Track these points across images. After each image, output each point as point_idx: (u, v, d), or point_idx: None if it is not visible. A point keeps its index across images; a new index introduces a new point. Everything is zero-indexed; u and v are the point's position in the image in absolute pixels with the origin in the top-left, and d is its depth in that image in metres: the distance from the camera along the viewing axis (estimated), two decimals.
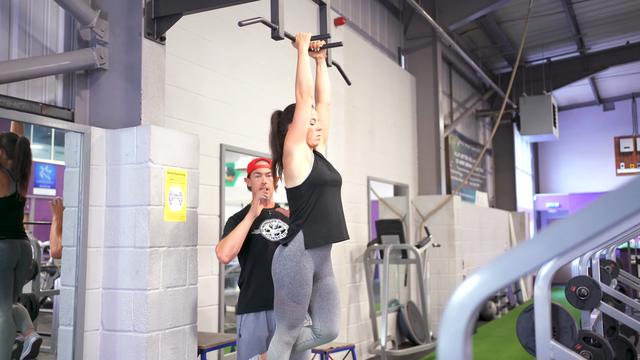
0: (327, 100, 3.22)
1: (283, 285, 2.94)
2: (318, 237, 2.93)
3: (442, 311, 8.26)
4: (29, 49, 3.53)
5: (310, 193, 2.96)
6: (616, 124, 17.30)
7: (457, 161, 11.34)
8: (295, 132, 2.94)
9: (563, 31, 12.14)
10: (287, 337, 2.97)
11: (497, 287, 1.11)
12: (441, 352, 1.11)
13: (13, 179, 4.27)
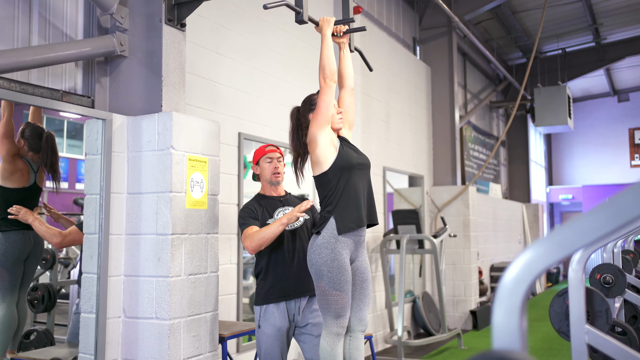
0: (351, 85, 3.19)
1: (322, 275, 2.89)
2: (350, 221, 2.90)
3: (456, 302, 8.25)
4: (49, 36, 3.52)
5: (338, 178, 2.93)
6: (631, 115, 17.13)
7: (471, 152, 11.27)
8: (319, 117, 2.91)
9: (579, 21, 12.00)
10: (336, 328, 2.90)
11: (554, 260, 1.08)
12: (496, 326, 1.08)
13: (33, 170, 4.28)
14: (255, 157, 3.39)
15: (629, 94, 17.22)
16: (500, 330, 1.04)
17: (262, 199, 3.32)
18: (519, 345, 1.02)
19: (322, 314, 2.95)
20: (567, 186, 17.53)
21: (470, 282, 8.48)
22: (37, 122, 4.36)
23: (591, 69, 13.53)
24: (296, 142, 3.16)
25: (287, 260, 3.19)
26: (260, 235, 3.06)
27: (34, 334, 4.53)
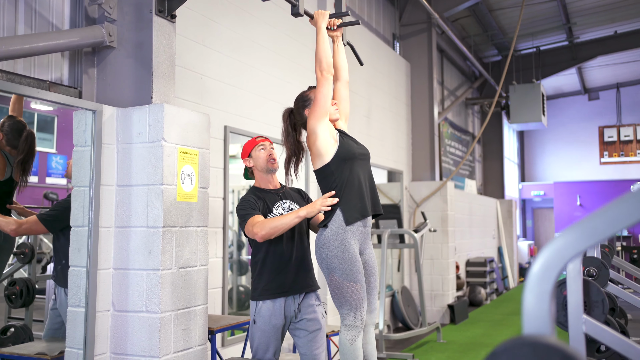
0: (346, 77, 3.20)
1: (334, 268, 2.85)
2: (356, 211, 2.88)
3: (434, 296, 8.33)
4: (35, 25, 3.45)
5: (341, 169, 2.92)
6: (600, 113, 17.48)
7: (447, 148, 11.38)
8: (317, 110, 2.91)
9: (553, 20, 12.20)
10: (354, 322, 2.85)
11: (585, 246, 1.11)
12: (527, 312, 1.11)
13: (9, 164, 4.19)
14: (246, 150, 3.31)
15: (599, 92, 17.57)
16: (531, 316, 1.06)
17: (259, 192, 3.24)
18: (549, 330, 1.04)
19: (339, 309, 2.88)
20: (538, 183, 17.83)
21: (448, 276, 8.58)
22: (18, 116, 4.27)
23: (564, 67, 13.77)
24: (291, 142, 3.14)
25: (286, 256, 3.14)
26: (273, 224, 2.96)
27: (11, 330, 4.44)
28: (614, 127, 17.18)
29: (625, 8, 11.86)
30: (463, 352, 6.48)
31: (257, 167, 3.29)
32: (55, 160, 10.58)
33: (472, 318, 8.82)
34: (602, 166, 17.26)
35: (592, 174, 17.26)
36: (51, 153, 10.29)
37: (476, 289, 10.20)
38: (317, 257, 2.97)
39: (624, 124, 17.07)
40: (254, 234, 2.98)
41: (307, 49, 6.05)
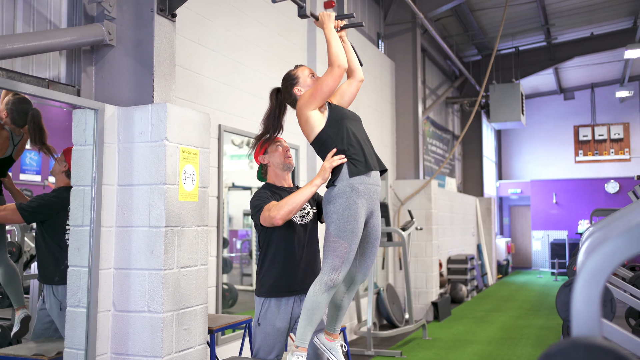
0: (361, 76, 3.17)
1: (331, 222, 2.80)
2: (359, 164, 2.83)
3: (418, 294, 8.42)
4: (34, 23, 3.42)
5: (337, 130, 2.88)
6: (576, 113, 17.78)
7: (429, 147, 11.49)
8: (316, 99, 2.83)
9: (532, 21, 12.37)
10: (328, 279, 2.77)
11: (632, 252, 1.16)
12: (576, 314, 1.15)
13: (13, 143, 4.12)
14: (260, 148, 3.26)
15: (575, 92, 17.87)
16: (580, 318, 1.10)
17: (274, 188, 3.21)
18: (598, 332, 1.08)
19: (324, 260, 2.83)
20: (515, 181, 18.08)
21: (432, 274, 8.67)
22: None
23: (542, 68, 13.98)
24: (272, 120, 3.12)
25: (297, 255, 3.12)
26: (290, 201, 2.92)
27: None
28: (588, 126, 17.51)
29: (602, 10, 12.09)
30: (449, 349, 6.57)
31: (272, 163, 3.24)
32: (29, 157, 10.41)
33: (455, 315, 8.93)
34: (577, 164, 17.59)
35: (567, 172, 17.56)
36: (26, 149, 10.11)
37: (457, 286, 10.33)
38: (325, 209, 2.89)
39: (598, 123, 17.41)
40: (272, 219, 2.92)
41: (297, 47, 6.07)
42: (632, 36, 12.64)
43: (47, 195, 3.81)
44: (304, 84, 3.06)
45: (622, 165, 17.04)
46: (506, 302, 10.49)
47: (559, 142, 17.93)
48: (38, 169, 7.02)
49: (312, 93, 2.89)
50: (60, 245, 3.71)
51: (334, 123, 2.92)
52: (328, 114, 2.94)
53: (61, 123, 7.05)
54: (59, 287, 3.68)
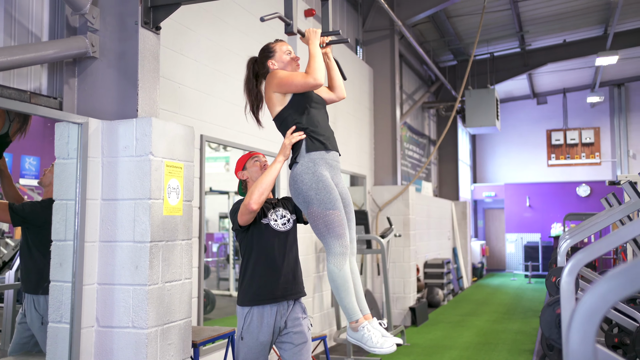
0: (343, 95, 3.24)
1: (311, 200, 2.83)
2: (316, 141, 2.91)
3: (396, 299, 8.48)
4: (15, 34, 3.38)
5: (297, 109, 2.95)
6: (548, 117, 18.07)
7: (406, 152, 11.58)
8: (283, 87, 2.92)
9: (507, 28, 12.56)
10: (340, 248, 2.78)
11: (627, 293, 1.19)
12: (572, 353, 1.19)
13: (9, 119, 4.01)
14: (241, 163, 3.33)
15: (547, 97, 18.16)
16: (576, 357, 1.14)
17: None
18: None
19: (323, 239, 2.84)
20: (490, 184, 18.30)
21: (410, 279, 8.75)
22: None
23: (517, 73, 14.19)
24: (252, 89, 3.17)
25: (278, 262, 3.15)
26: (258, 183, 3.03)
27: None
28: (560, 130, 17.82)
29: (574, 18, 12.34)
30: (428, 355, 6.64)
31: (251, 178, 3.30)
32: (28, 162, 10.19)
33: (432, 320, 9.02)
34: (550, 168, 17.88)
35: (540, 176, 17.84)
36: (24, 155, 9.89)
37: (434, 290, 10.43)
38: (293, 193, 2.94)
39: (570, 127, 17.72)
40: (247, 207, 2.99)
41: None
42: (603, 44, 12.90)
43: (38, 204, 3.76)
44: (279, 59, 3.12)
45: (592, 169, 17.38)
46: (482, 305, 10.62)
47: (532, 145, 18.21)
48: (37, 173, 6.92)
49: (280, 82, 2.95)
50: (44, 256, 3.66)
51: (297, 102, 2.99)
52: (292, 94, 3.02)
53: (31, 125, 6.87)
54: (41, 300, 3.63)
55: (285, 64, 3.10)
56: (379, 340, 2.74)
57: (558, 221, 16.33)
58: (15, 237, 5.55)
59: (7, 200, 3.90)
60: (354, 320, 2.79)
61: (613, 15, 11.41)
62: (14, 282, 5.04)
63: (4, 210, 3.64)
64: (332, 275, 2.81)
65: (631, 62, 15.26)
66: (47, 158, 5.24)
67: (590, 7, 11.79)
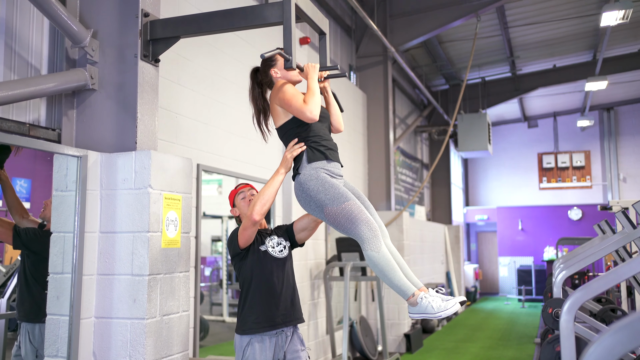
0: (340, 129, 3.27)
1: (323, 202, 2.82)
2: (319, 153, 2.93)
3: (390, 325, 8.44)
4: (14, 66, 3.40)
5: (302, 122, 2.96)
6: (539, 140, 18.23)
7: (399, 176, 11.63)
8: (283, 106, 2.95)
9: (498, 53, 12.73)
10: (370, 233, 2.72)
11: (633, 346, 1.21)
12: None
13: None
14: (230, 200, 3.37)
15: (538, 120, 18.33)
16: None
17: None
18: None
19: (350, 233, 2.79)
20: (482, 207, 18.37)
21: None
22: None
23: (508, 98, 14.34)
24: (257, 98, 3.19)
25: (277, 289, 3.16)
26: (260, 196, 3.02)
27: None
28: (551, 154, 17.95)
29: (564, 44, 12.53)
30: None
31: (242, 214, 3.32)
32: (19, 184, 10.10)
33: (427, 346, 8.98)
34: (541, 191, 17.98)
35: (532, 199, 17.93)
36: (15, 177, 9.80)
37: None
38: (303, 202, 2.93)
39: (561, 151, 17.86)
40: (250, 218, 3.00)
41: None
42: (593, 69, 13.08)
43: (42, 232, 3.73)
44: (281, 67, 3.13)
45: (584, 192, 17.49)
46: (476, 331, 10.59)
47: (523, 169, 18.33)
48: (27, 196, 6.86)
49: (282, 98, 2.96)
50: (41, 285, 3.64)
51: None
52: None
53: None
54: (36, 331, 3.60)
55: (288, 73, 3.13)
56: (440, 304, 2.62)
57: (551, 244, 16.38)
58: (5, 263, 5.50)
59: (11, 212, 3.87)
60: (410, 295, 2.68)
61: (602, 41, 11.59)
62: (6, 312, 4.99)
63: (8, 229, 3.61)
64: (373, 261, 2.72)
65: (620, 87, 15.46)
66: (39, 180, 5.20)
67: (579, 33, 11.98)
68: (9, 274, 5.12)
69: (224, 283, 10.01)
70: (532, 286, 15.79)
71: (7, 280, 5.14)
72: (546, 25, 11.44)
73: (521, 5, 10.35)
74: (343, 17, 9.18)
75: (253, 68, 3.30)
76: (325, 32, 3.47)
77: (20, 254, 3.94)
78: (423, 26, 9.16)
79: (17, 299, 3.81)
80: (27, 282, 3.70)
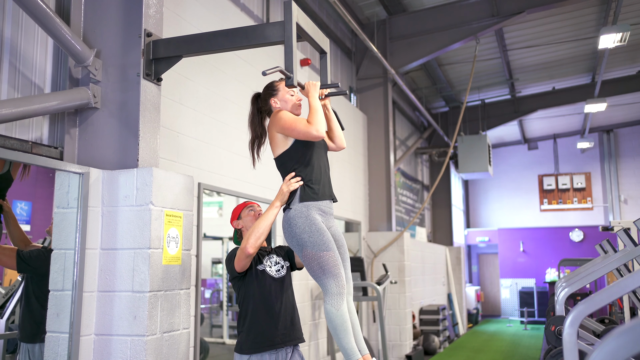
0: (343, 145, 3.31)
1: (305, 243, 2.89)
2: (312, 192, 2.98)
3: (392, 347, 8.38)
4: (18, 85, 3.43)
5: (301, 153, 3.02)
6: (539, 162, 18.26)
7: (400, 197, 11.64)
8: (284, 132, 3.00)
9: (497, 75, 12.82)
10: (336, 288, 2.83)
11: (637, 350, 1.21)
12: None
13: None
14: (236, 213, 3.38)
15: (538, 142, 18.39)
16: None
17: None
18: None
19: (319, 280, 2.88)
20: (483, 229, 18.33)
21: (405, 326, 8.67)
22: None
23: (507, 120, 14.40)
24: (256, 125, 3.25)
25: (276, 308, 3.16)
26: (254, 228, 3.04)
27: None
28: (552, 175, 17.97)
29: (563, 67, 12.62)
30: None
31: (246, 227, 3.34)
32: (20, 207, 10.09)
33: None
34: (542, 213, 17.95)
35: (533, 221, 17.90)
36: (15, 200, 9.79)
37: (430, 337, 10.32)
38: (286, 236, 3.00)
39: (561, 172, 17.88)
40: (244, 252, 3.03)
41: None
42: (592, 91, 13.16)
43: (46, 252, 3.72)
44: (281, 98, 3.19)
45: (585, 214, 17.46)
46: (478, 353, 10.51)
47: (524, 190, 18.33)
48: (28, 218, 6.85)
49: (284, 125, 3.02)
50: (43, 307, 3.63)
51: (301, 146, 3.06)
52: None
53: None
54: (36, 350, 3.58)
55: (288, 104, 3.17)
56: None
57: (552, 266, 16.32)
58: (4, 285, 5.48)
59: (13, 242, 3.87)
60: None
61: (600, 63, 11.68)
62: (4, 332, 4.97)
63: (11, 256, 3.61)
64: (330, 316, 2.84)
65: (619, 109, 15.54)
66: (40, 203, 5.22)
67: (578, 56, 12.08)
68: (8, 295, 5.12)
69: (224, 305, 9.96)
70: (534, 308, 15.69)
71: (6, 301, 5.13)
72: (545, 48, 11.54)
73: (520, 28, 10.46)
74: (343, 40, 9.28)
75: (254, 94, 3.34)
76: (326, 51, 3.51)
77: (22, 275, 3.94)
78: (423, 49, 9.24)
79: (20, 320, 3.79)
80: (30, 303, 3.69)
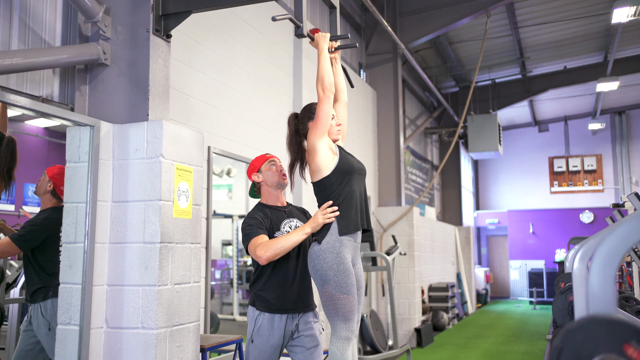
0: (345, 99, 3.29)
1: (328, 280, 2.84)
2: (351, 223, 2.92)
3: (401, 320, 8.41)
4: (28, 41, 3.45)
5: (340, 181, 2.96)
6: (550, 144, 18.15)
7: (409, 176, 11.62)
8: (318, 127, 2.97)
9: (508, 54, 12.72)
10: (346, 333, 2.84)
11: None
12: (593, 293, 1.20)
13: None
14: (255, 165, 3.29)
15: (549, 124, 18.28)
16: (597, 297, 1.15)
17: (266, 208, 3.21)
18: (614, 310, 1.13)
19: (330, 320, 2.88)
20: (493, 211, 18.29)
21: (414, 300, 8.69)
22: (2, 129, 4.17)
23: (518, 100, 14.31)
24: (295, 147, 3.18)
25: (290, 276, 3.12)
26: (279, 245, 2.94)
27: None
28: (562, 157, 17.86)
29: (574, 45, 12.50)
30: None
31: (266, 182, 3.26)
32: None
33: (438, 342, 8.94)
34: (553, 195, 17.87)
35: (543, 203, 17.83)
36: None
37: (439, 314, 10.34)
38: (311, 268, 2.96)
39: (572, 154, 17.77)
40: (257, 257, 2.95)
41: (283, 73, 6.16)
42: (604, 70, 13.03)
43: (37, 219, 3.75)
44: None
45: (595, 196, 17.37)
46: (487, 329, 10.53)
47: (534, 173, 18.25)
48: (12, 198, 6.89)
49: (314, 124, 3.00)
50: (48, 264, 3.66)
51: (340, 174, 3.00)
52: (338, 161, 3.03)
53: (32, 154, 6.89)
54: (48, 306, 3.62)
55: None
56: None
57: (562, 247, 16.26)
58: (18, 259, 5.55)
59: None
60: None
61: (613, 41, 11.57)
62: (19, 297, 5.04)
63: (9, 245, 3.61)
64: (333, 358, 2.85)
65: (631, 90, 15.39)
66: None
67: (590, 34, 11.96)
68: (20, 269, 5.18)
69: (234, 282, 10.02)
70: (543, 289, 15.67)
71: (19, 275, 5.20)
72: (557, 25, 11.43)
73: (531, 4, 10.36)
74: (353, 15, 9.24)
75: (292, 114, 3.27)
76: (336, 5, 3.51)
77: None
78: (433, 23, 9.19)
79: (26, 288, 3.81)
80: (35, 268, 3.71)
